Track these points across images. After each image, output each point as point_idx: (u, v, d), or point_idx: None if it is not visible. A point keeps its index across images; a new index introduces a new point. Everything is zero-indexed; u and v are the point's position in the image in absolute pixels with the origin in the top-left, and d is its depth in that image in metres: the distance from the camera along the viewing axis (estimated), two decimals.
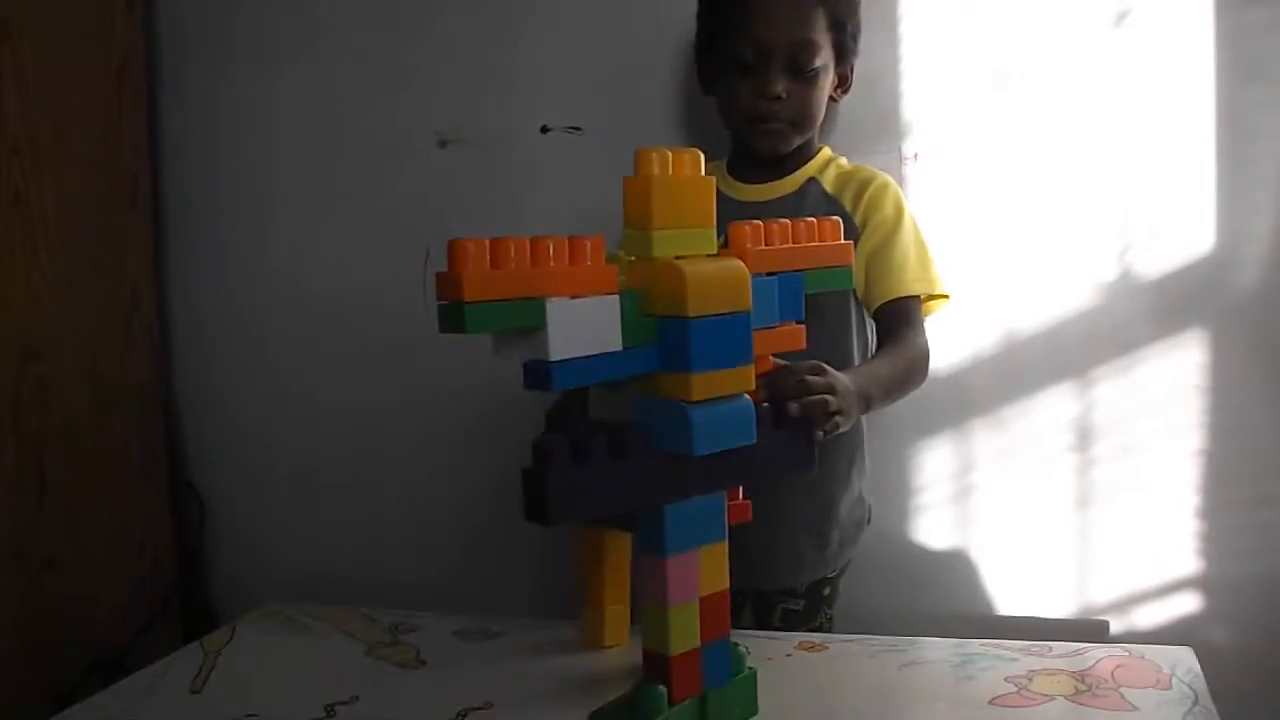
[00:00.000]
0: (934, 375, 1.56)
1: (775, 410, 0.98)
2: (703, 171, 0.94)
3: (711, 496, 0.95)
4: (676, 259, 0.90)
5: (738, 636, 1.01)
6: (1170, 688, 1.05)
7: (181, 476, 1.91)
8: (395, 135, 1.76)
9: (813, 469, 1.02)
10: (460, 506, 1.77)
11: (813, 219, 1.04)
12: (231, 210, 1.87)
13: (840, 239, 1.05)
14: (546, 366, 0.83)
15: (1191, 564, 1.56)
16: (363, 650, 1.25)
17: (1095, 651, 1.15)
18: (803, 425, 1.00)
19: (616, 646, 1.19)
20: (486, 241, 0.80)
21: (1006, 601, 1.62)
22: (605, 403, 1.02)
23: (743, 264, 0.93)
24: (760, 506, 1.05)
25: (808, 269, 1.02)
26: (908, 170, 1.57)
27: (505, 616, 1.32)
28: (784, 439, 0.99)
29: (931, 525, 1.63)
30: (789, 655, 1.17)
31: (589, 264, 0.86)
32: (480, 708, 1.07)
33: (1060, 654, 1.15)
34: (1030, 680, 1.08)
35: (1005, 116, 1.54)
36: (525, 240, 0.82)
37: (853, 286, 1.08)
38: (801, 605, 1.43)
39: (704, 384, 0.89)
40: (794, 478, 1.01)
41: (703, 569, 0.94)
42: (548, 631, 1.25)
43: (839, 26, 1.36)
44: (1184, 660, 1.11)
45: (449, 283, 0.80)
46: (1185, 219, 1.51)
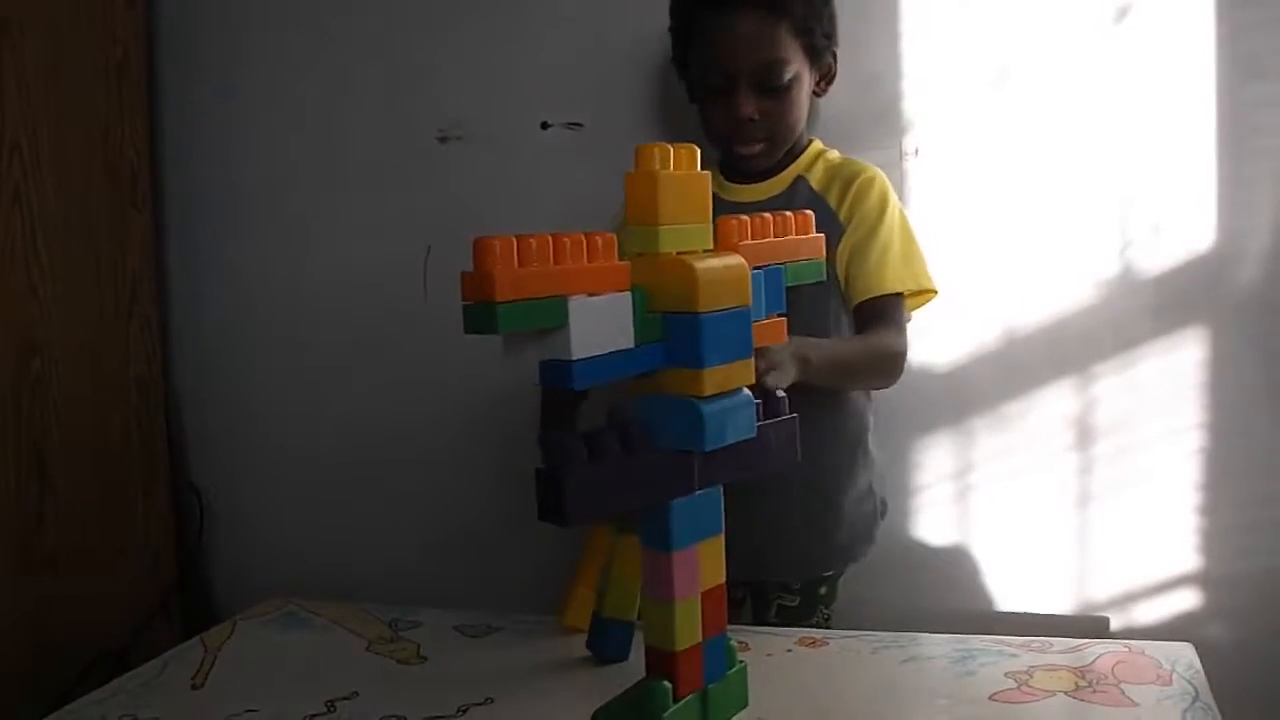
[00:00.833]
0: (934, 372, 1.57)
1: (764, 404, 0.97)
2: (699, 167, 0.94)
3: (710, 490, 0.95)
4: (679, 254, 0.90)
5: (739, 632, 1.01)
6: (1170, 683, 1.05)
7: (182, 473, 1.92)
8: (396, 132, 1.76)
9: (794, 459, 1.01)
10: (461, 503, 1.77)
11: (788, 212, 1.03)
12: (231, 207, 1.87)
13: (812, 231, 1.05)
14: (568, 365, 0.81)
15: (1191, 560, 1.55)
16: (363, 645, 1.25)
17: (1096, 647, 1.15)
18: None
19: (577, 630, 1.19)
20: (513, 239, 0.78)
21: (1007, 597, 1.62)
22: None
23: (743, 259, 0.93)
24: (761, 499, 1.05)
25: (787, 262, 1.02)
26: (908, 166, 1.57)
27: (506, 612, 1.32)
28: (771, 431, 0.98)
29: (932, 522, 1.63)
30: (789, 651, 1.17)
31: (604, 261, 0.85)
32: (481, 703, 1.07)
33: (1061, 650, 1.15)
34: (1031, 676, 1.08)
35: (1006, 113, 1.54)
36: (547, 237, 0.81)
37: (824, 279, 1.08)
38: (797, 602, 1.43)
39: (715, 379, 0.89)
40: (781, 468, 1.00)
41: (702, 563, 0.94)
42: (549, 627, 1.25)
43: (806, 31, 1.33)
44: (1184, 656, 1.11)
45: (477, 282, 0.77)
46: (1186, 216, 1.50)
